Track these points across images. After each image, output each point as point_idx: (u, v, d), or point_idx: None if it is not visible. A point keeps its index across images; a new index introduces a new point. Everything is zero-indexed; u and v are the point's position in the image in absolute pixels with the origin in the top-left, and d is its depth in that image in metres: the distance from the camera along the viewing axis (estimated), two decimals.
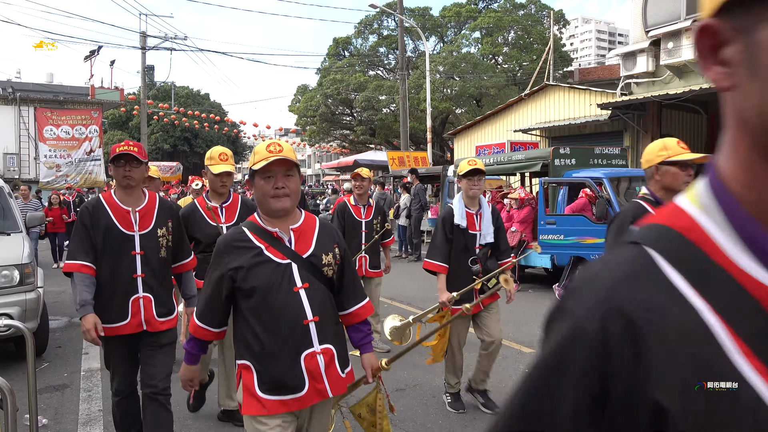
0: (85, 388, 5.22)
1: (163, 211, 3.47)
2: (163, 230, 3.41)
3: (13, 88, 29.78)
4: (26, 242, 6.23)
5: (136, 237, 3.33)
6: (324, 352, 2.28)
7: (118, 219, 3.32)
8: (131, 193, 3.38)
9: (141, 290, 3.32)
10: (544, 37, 30.48)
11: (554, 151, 9.17)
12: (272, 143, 2.33)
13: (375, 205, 6.25)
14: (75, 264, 3.24)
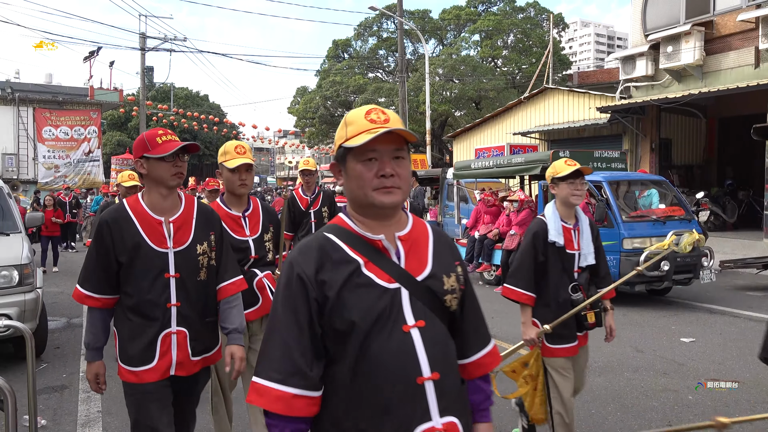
0: (84, 389, 5.20)
1: (204, 219, 2.70)
2: (204, 246, 2.64)
3: (12, 89, 29.77)
4: (25, 243, 6.22)
5: (170, 255, 2.55)
6: (447, 428, 1.47)
7: (147, 232, 2.55)
8: (168, 196, 2.61)
9: (174, 323, 2.54)
10: (543, 40, 30.55)
11: (554, 155, 9.16)
12: (373, 109, 1.58)
13: (323, 194, 5.83)
14: (80, 294, 2.58)
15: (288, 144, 58.79)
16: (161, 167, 2.50)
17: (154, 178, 2.54)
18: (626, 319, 7.49)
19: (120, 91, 33.28)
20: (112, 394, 5.10)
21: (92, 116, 29.73)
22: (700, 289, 9.03)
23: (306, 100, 33.21)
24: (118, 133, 48.06)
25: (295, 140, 55.98)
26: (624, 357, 5.87)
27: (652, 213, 8.68)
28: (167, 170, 2.51)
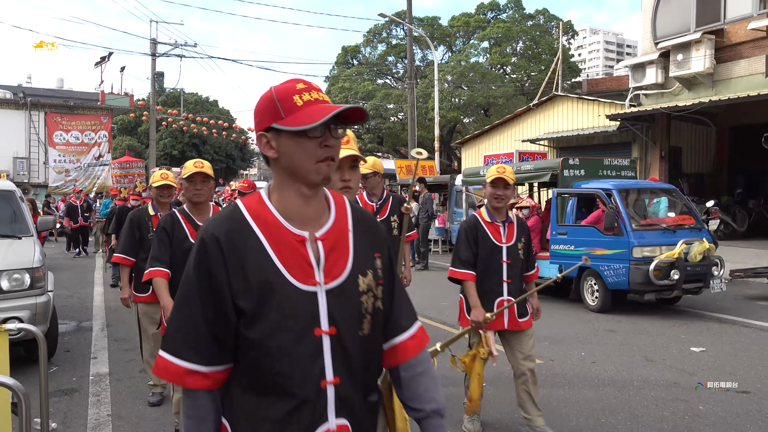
0: (94, 393, 5.23)
1: (364, 231, 1.91)
2: (369, 278, 1.79)
3: (24, 93, 30.04)
4: (37, 246, 6.27)
5: (320, 296, 1.62)
6: None
7: (284, 257, 2.18)
8: (312, 198, 2.44)
9: (333, 413, 1.90)
10: (552, 47, 30.54)
11: (563, 162, 9.16)
12: None
13: (391, 200, 4.76)
14: (175, 369, 1.15)
15: None
16: (302, 147, 1.42)
17: (289, 167, 1.44)
18: (636, 328, 7.46)
19: (130, 96, 33.53)
20: (121, 397, 5.14)
21: (102, 121, 29.98)
22: (710, 299, 8.97)
23: None
24: (127, 138, 48.40)
25: None
26: (634, 366, 5.84)
27: (662, 222, 8.65)
28: (312, 152, 1.42)
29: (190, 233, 3.68)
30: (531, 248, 4.17)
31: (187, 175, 3.72)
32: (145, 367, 5.07)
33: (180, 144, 49.63)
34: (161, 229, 3.73)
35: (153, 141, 28.57)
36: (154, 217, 4.81)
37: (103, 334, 7.42)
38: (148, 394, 4.99)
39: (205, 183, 3.75)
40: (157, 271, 3.70)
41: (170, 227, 3.72)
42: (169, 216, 3.78)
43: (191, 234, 3.67)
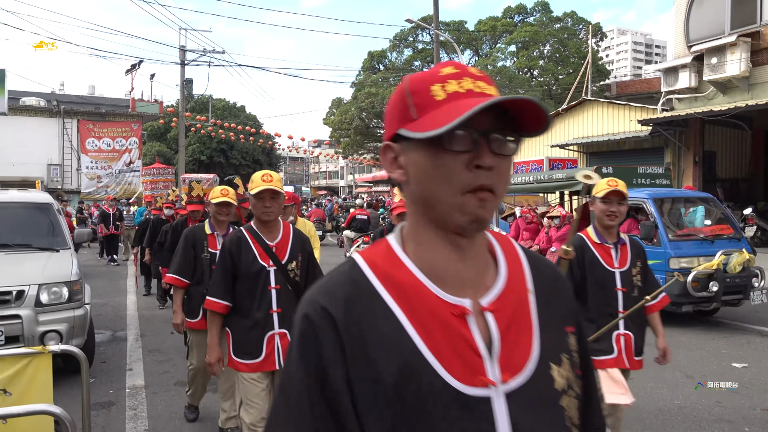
0: (131, 406, 5.27)
1: (549, 292, 2.23)
2: (565, 367, 1.88)
3: (58, 101, 30.70)
4: (74, 259, 6.35)
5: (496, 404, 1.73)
6: None
7: (434, 344, 2.14)
8: (468, 247, 2.38)
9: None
10: (580, 50, 30.21)
11: (596, 171, 9.02)
12: None
13: None
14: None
15: (323, 154, 59.30)
16: (439, 166, 0.93)
17: (422, 199, 0.96)
18: (673, 341, 7.25)
19: (160, 103, 34.01)
20: (157, 411, 5.18)
21: (133, 128, 30.45)
22: (750, 310, 8.74)
23: (341, 111, 33.43)
24: (157, 144, 49.10)
25: (329, 150, 56.42)
26: (674, 383, 5.70)
27: (699, 231, 8.46)
28: (454, 176, 0.92)
29: (259, 254, 3.28)
30: (649, 272, 3.55)
31: (255, 191, 3.25)
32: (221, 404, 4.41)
33: (208, 149, 50.16)
34: (225, 252, 3.31)
35: (182, 147, 28.91)
36: (210, 237, 4.55)
37: (138, 345, 7.49)
38: (183, 408, 5.01)
39: (275, 199, 3.30)
40: (213, 303, 3.33)
41: (236, 249, 3.28)
42: (235, 236, 3.35)
43: (260, 255, 3.28)
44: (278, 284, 3.21)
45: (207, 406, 5.23)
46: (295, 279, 3.27)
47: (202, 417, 5.02)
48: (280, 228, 3.38)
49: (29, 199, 7.13)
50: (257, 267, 3.23)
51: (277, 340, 3.22)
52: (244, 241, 3.29)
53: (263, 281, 3.20)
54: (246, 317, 3.24)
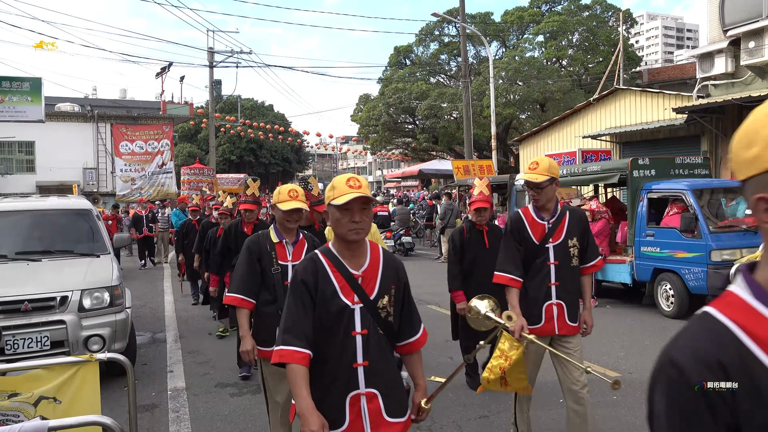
0: (174, 409, 5.35)
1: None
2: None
3: (91, 106, 31.36)
4: (115, 264, 6.47)
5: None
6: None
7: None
8: None
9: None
10: (610, 37, 29.66)
11: (632, 162, 8.84)
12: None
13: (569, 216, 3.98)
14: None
15: (351, 150, 59.43)
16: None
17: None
18: None
19: (190, 104, 34.45)
20: (199, 413, 5.24)
21: (165, 130, 30.88)
22: None
23: (369, 107, 33.40)
24: (188, 145, 49.80)
25: (357, 146, 56.51)
26: None
27: (741, 222, 8.23)
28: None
29: (340, 288, 2.37)
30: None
31: (340, 201, 2.32)
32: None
33: (238, 149, 50.72)
34: (299, 284, 2.38)
35: (212, 147, 29.26)
36: (279, 246, 3.78)
37: (177, 346, 7.61)
38: None
39: (365, 212, 2.39)
40: (291, 353, 2.30)
41: (312, 279, 2.38)
42: (309, 263, 2.43)
43: (342, 289, 2.38)
44: (365, 328, 2.37)
45: (247, 408, 5.28)
46: (388, 320, 2.44)
47: (243, 419, 5.07)
48: (367, 251, 2.46)
49: (69, 206, 7.28)
50: (338, 305, 2.35)
51: (363, 402, 2.36)
52: (321, 269, 2.40)
53: (346, 324, 2.36)
54: (323, 371, 2.38)
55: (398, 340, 2.52)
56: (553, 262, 3.72)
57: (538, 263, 3.76)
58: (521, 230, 3.77)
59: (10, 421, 3.05)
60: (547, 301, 3.75)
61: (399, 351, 2.56)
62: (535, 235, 3.74)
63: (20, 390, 3.10)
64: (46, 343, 5.45)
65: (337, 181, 2.44)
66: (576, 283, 3.85)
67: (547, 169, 3.59)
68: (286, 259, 3.80)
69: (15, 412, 3.06)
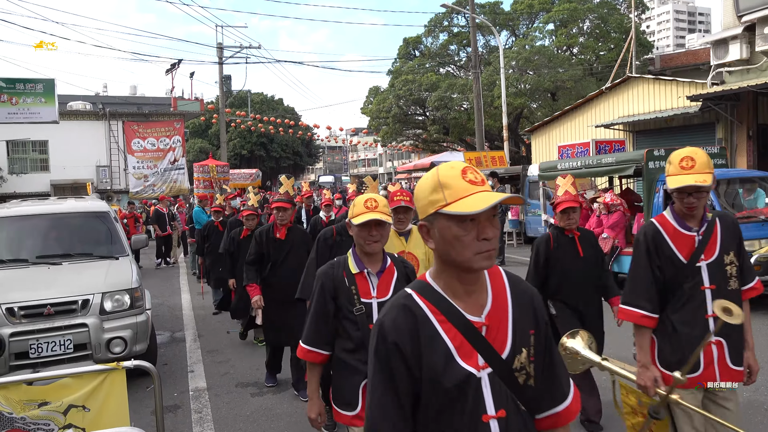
0: (196, 410, 5.41)
1: None
2: None
3: (103, 104, 31.56)
4: (133, 266, 6.53)
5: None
6: None
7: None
8: None
9: None
10: (621, 24, 29.35)
11: (648, 154, 8.77)
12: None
13: None
14: None
15: (361, 143, 59.40)
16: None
17: None
18: None
19: (201, 100, 34.56)
20: (221, 413, 5.30)
21: (176, 126, 31.00)
22: None
23: (379, 100, 33.33)
24: (199, 141, 49.97)
25: (368, 138, 56.47)
26: None
27: (759, 213, 8.16)
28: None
29: (456, 347, 1.56)
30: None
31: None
32: None
33: (249, 144, 50.86)
34: (389, 353, 1.59)
35: (224, 143, 29.37)
36: (360, 279, 2.87)
37: (196, 346, 7.67)
38: None
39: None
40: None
41: (410, 342, 1.58)
42: (402, 312, 1.59)
43: (460, 349, 1.56)
44: (501, 407, 1.56)
45: (269, 408, 5.33)
46: (528, 385, 1.62)
47: (266, 420, 5.12)
48: (486, 281, 1.65)
49: (87, 208, 7.33)
50: (457, 376, 1.54)
51: None
52: (422, 323, 1.57)
53: (472, 404, 1.55)
54: None
55: (538, 412, 1.67)
56: (708, 286, 2.84)
57: (688, 289, 2.86)
58: (661, 246, 2.91)
59: (41, 429, 3.10)
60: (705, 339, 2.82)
61: (538, 427, 1.68)
62: (681, 252, 2.87)
63: (50, 399, 3.15)
64: (69, 346, 5.52)
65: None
66: None
67: (708, 165, 2.78)
68: (370, 295, 2.86)
69: (46, 421, 3.11)
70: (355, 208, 2.87)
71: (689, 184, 2.74)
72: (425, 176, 1.57)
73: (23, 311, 5.48)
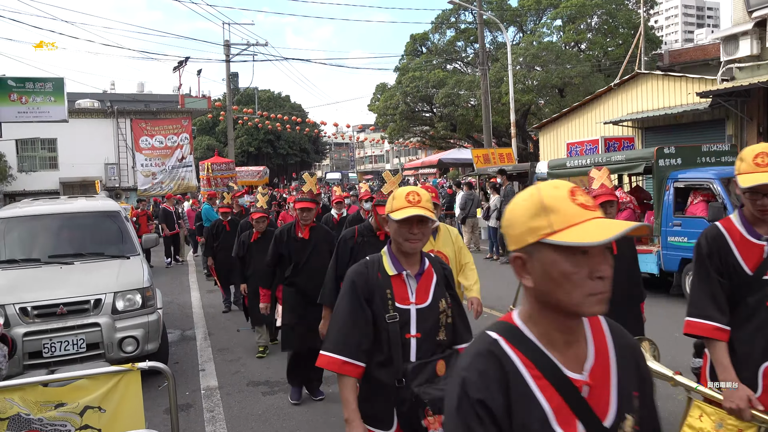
0: (208, 408, 5.43)
1: None
2: None
3: (111, 102, 31.71)
4: (145, 265, 6.56)
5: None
6: None
7: None
8: None
9: None
10: (629, 20, 29.20)
11: (658, 151, 8.74)
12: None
13: None
14: None
15: (368, 139, 59.39)
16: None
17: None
18: None
19: (208, 98, 34.62)
20: (233, 412, 5.32)
21: (183, 124, 31.10)
22: None
23: (386, 96, 33.30)
24: (207, 138, 50.09)
25: (374, 135, 56.45)
26: None
27: None
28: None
29: (553, 410, 1.27)
30: None
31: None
32: None
33: (256, 141, 50.97)
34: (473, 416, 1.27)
35: (231, 141, 29.41)
36: (397, 282, 2.54)
37: (207, 344, 7.71)
38: None
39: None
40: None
41: (498, 400, 1.28)
42: (487, 360, 1.30)
43: (558, 414, 1.27)
44: None
45: (280, 408, 5.35)
46: None
47: (278, 419, 5.14)
48: (586, 329, 1.37)
49: (98, 208, 7.37)
50: None
51: None
52: (513, 376, 1.29)
53: None
54: None
55: None
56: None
57: (752, 303, 2.56)
58: (725, 254, 2.61)
59: (57, 430, 3.13)
60: (766, 361, 2.54)
61: None
62: (747, 262, 2.55)
63: (66, 400, 3.18)
64: (82, 345, 5.56)
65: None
66: None
67: None
68: (408, 300, 2.52)
69: (62, 422, 3.14)
70: (395, 201, 2.53)
71: (765, 182, 2.38)
72: (520, 197, 1.29)
73: (36, 311, 5.52)
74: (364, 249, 4.05)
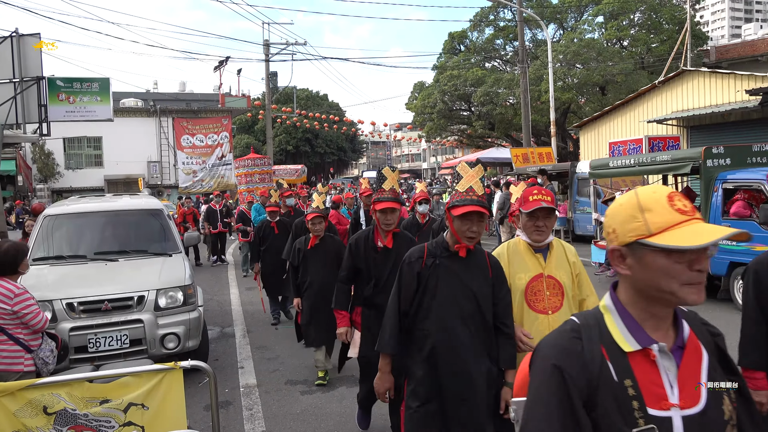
0: (247, 406, 5.48)
1: None
2: None
3: (153, 101, 32.44)
4: (186, 263, 6.65)
5: None
6: None
7: None
8: None
9: None
10: (674, 15, 28.44)
11: (706, 151, 8.47)
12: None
13: None
14: None
15: (405, 138, 59.32)
16: None
17: None
18: None
19: (247, 97, 35.09)
20: (272, 411, 5.35)
21: (223, 123, 31.57)
22: None
23: (424, 95, 33.17)
24: (246, 136, 50.76)
25: (412, 133, 56.35)
26: None
27: None
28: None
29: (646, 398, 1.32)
30: None
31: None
32: None
33: (294, 139, 51.39)
34: None
35: (270, 139, 29.71)
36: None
37: (246, 341, 7.78)
38: None
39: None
40: None
41: None
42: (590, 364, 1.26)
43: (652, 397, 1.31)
44: None
45: (319, 407, 5.35)
46: None
47: (316, 419, 5.14)
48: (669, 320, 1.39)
49: (142, 206, 7.50)
50: (646, 421, 1.29)
51: None
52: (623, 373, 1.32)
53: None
54: None
55: None
56: None
57: None
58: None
59: (102, 426, 3.18)
60: None
61: None
62: None
63: (111, 397, 3.23)
64: (126, 341, 5.67)
65: None
66: None
67: None
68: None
69: (107, 418, 3.19)
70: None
71: None
72: (620, 200, 1.40)
73: (82, 306, 5.65)
74: (437, 275, 2.94)
